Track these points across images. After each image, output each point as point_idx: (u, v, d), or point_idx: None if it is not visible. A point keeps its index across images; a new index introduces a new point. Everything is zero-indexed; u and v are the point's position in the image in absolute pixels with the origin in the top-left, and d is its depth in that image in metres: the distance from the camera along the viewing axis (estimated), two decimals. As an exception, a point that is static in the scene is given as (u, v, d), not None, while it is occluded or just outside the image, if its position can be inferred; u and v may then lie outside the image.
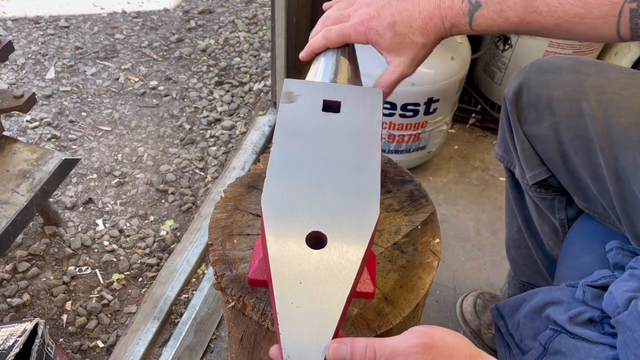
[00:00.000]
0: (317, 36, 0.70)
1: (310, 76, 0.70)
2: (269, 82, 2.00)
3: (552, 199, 0.90)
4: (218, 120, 1.85)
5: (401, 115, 1.40)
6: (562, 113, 0.78)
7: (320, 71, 0.69)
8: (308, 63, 0.74)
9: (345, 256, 0.48)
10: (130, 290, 1.36)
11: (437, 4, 0.64)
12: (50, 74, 1.95)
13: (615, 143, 0.73)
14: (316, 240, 0.50)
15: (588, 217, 0.86)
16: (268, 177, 0.56)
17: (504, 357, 0.80)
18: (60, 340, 1.25)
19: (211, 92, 1.95)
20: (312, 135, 0.59)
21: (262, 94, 1.96)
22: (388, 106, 1.39)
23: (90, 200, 1.55)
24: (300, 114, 0.61)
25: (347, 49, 0.71)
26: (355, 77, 0.69)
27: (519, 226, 1.03)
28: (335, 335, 0.45)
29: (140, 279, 1.39)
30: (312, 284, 0.48)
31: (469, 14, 0.62)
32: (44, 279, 1.36)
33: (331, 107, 0.62)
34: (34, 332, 0.88)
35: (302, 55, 0.72)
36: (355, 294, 0.61)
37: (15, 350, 0.82)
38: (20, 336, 0.85)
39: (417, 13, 0.64)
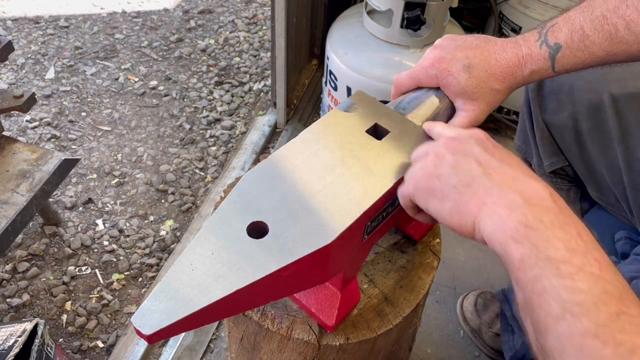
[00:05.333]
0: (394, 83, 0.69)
1: (397, 99, 0.68)
2: (269, 82, 2.00)
3: (568, 190, 0.91)
4: (218, 120, 1.85)
5: (401, 115, 1.40)
6: (583, 103, 0.79)
7: (402, 98, 0.67)
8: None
9: (268, 258, 0.47)
10: (130, 290, 1.36)
11: (514, 52, 0.63)
12: (50, 74, 1.95)
13: (633, 135, 0.73)
14: (258, 232, 0.50)
15: (600, 209, 0.87)
16: (260, 164, 0.56)
17: (507, 340, 0.80)
18: (60, 340, 1.25)
19: (211, 92, 1.95)
20: (339, 150, 0.57)
21: (262, 94, 1.96)
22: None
23: (90, 200, 1.55)
24: (343, 123, 0.60)
25: (446, 98, 0.67)
26: (432, 120, 0.65)
27: None
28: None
29: (140, 279, 1.39)
30: (219, 262, 0.47)
31: (550, 57, 0.62)
32: (44, 279, 1.36)
33: (378, 132, 0.60)
34: (33, 332, 0.87)
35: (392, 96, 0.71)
36: (315, 318, 0.62)
37: (15, 350, 0.82)
38: (20, 336, 0.85)
39: (494, 60, 0.63)
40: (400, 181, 0.55)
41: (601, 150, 0.79)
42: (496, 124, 1.82)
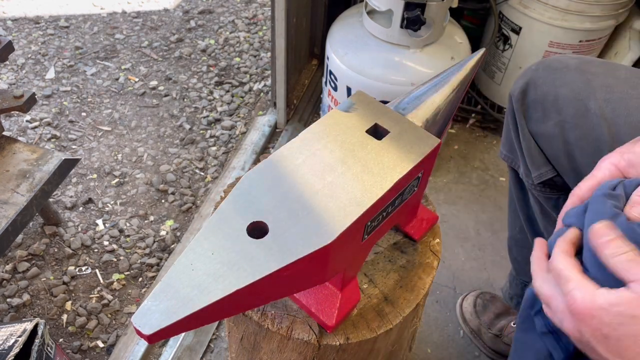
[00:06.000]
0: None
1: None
2: (269, 82, 2.00)
3: (557, 199, 0.90)
4: (218, 120, 1.85)
5: (401, 115, 1.40)
6: (569, 112, 0.78)
7: (402, 98, 0.66)
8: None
9: (267, 259, 0.47)
10: (130, 290, 1.36)
11: None
12: (50, 74, 1.95)
13: (624, 141, 0.73)
14: (258, 232, 0.50)
15: None
16: (260, 164, 0.56)
17: (554, 344, 0.75)
18: (60, 340, 1.25)
19: (211, 92, 1.95)
20: (339, 150, 0.57)
21: (262, 94, 1.96)
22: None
23: (90, 200, 1.55)
24: (343, 123, 0.60)
25: (446, 98, 0.65)
26: (433, 122, 0.65)
27: (521, 226, 1.03)
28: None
29: (140, 279, 1.39)
30: (219, 262, 0.47)
31: None
32: (44, 279, 1.36)
33: (378, 132, 0.60)
34: (34, 332, 0.88)
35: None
36: (315, 318, 0.62)
37: (15, 350, 0.82)
38: (20, 336, 0.85)
39: None
40: (400, 180, 0.55)
41: (591, 159, 0.77)
42: (496, 124, 1.82)
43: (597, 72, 0.78)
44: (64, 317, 1.29)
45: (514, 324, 1.23)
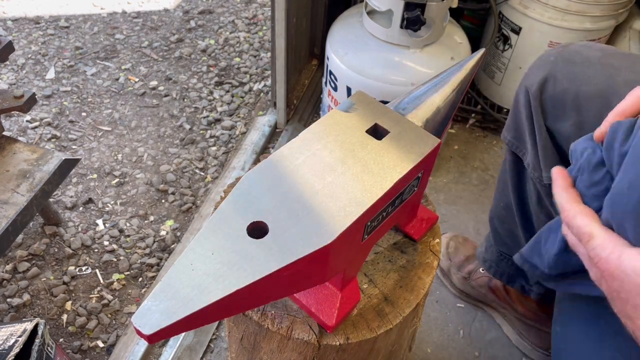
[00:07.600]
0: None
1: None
2: (269, 82, 2.00)
3: None
4: (218, 120, 1.85)
5: (401, 116, 1.40)
6: (590, 112, 0.75)
7: (402, 98, 0.66)
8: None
9: (267, 260, 0.47)
10: (130, 290, 1.36)
11: None
12: (50, 74, 1.95)
13: None
14: (258, 232, 0.50)
15: None
16: (260, 164, 0.56)
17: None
18: (60, 340, 1.26)
19: (211, 92, 1.95)
20: (339, 150, 0.57)
21: (262, 94, 1.96)
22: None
23: (90, 200, 1.55)
24: (343, 123, 0.60)
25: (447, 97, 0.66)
26: (432, 122, 0.65)
27: (507, 203, 1.00)
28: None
29: (140, 279, 1.39)
30: (219, 262, 0.47)
31: None
32: (44, 279, 1.36)
33: (378, 132, 0.60)
34: (34, 332, 0.88)
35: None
36: (315, 318, 0.61)
37: (15, 350, 0.82)
38: (20, 336, 0.85)
39: None
40: (400, 180, 0.55)
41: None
42: (496, 124, 1.82)
43: (620, 66, 0.74)
44: (64, 317, 1.29)
45: (482, 270, 1.26)
